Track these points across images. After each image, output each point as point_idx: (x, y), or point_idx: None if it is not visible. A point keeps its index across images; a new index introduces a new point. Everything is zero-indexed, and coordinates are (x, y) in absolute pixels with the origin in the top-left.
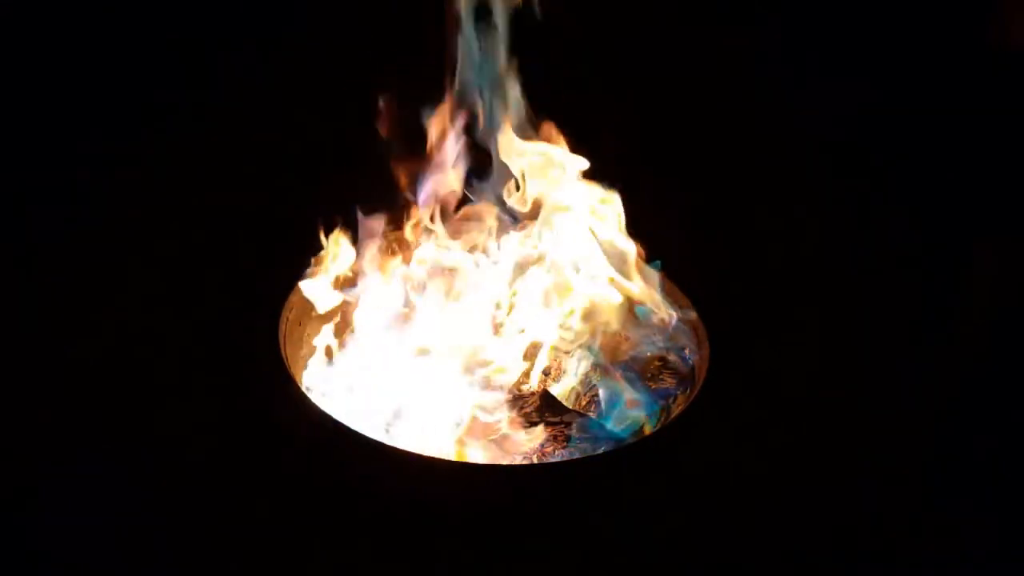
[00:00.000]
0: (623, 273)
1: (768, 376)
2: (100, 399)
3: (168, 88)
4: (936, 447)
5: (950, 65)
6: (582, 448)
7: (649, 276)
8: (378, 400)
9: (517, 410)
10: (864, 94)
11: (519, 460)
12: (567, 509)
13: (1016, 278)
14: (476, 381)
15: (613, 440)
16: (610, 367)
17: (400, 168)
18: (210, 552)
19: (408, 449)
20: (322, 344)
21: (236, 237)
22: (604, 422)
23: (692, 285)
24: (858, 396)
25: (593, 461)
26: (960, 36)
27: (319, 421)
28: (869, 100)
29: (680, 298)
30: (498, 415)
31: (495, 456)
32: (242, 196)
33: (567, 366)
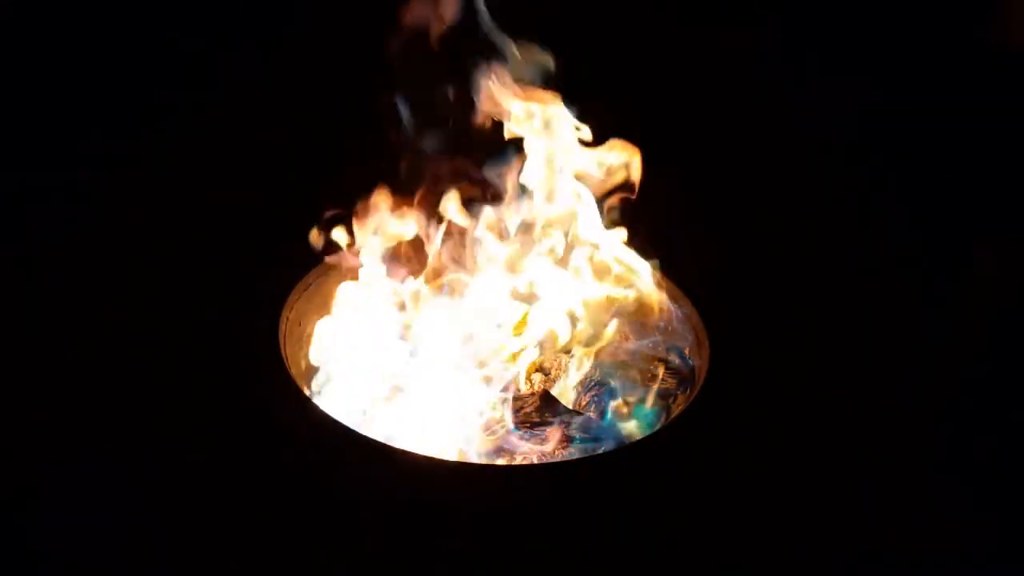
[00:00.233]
0: (624, 272)
1: (768, 376)
2: (100, 399)
3: (168, 88)
4: (936, 447)
5: (950, 65)
6: (582, 448)
7: (649, 274)
8: (378, 400)
9: (517, 410)
10: (864, 94)
11: (519, 460)
12: (567, 509)
13: (1016, 278)
14: (476, 381)
15: (613, 440)
16: (610, 367)
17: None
18: (210, 552)
19: (408, 449)
20: (322, 344)
21: (236, 237)
22: (604, 422)
23: (692, 285)
24: (858, 396)
25: (593, 461)
26: (960, 36)
27: (319, 421)
28: (869, 100)
29: (680, 298)
30: (498, 415)
31: (495, 456)
32: (242, 196)
33: (567, 366)
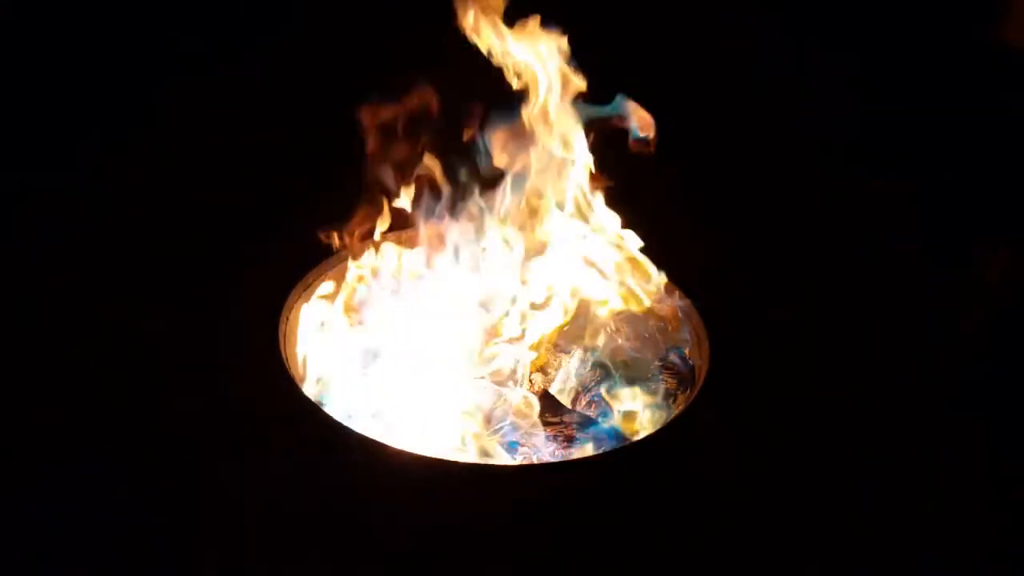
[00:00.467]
0: (624, 272)
1: (768, 376)
2: (100, 399)
3: (168, 88)
4: (936, 447)
5: (950, 65)
6: (582, 448)
7: (649, 273)
8: (378, 400)
9: (517, 411)
10: (864, 94)
11: (519, 460)
12: (567, 509)
13: (1016, 278)
14: (476, 381)
15: (613, 440)
16: (610, 367)
17: (400, 165)
18: (210, 552)
19: (408, 449)
20: (322, 344)
21: (236, 237)
22: (604, 422)
23: (692, 285)
24: (858, 396)
25: (593, 461)
26: (960, 36)
27: (319, 421)
28: (869, 100)
29: (680, 298)
30: (499, 415)
31: (495, 456)
32: (242, 196)
33: (567, 366)
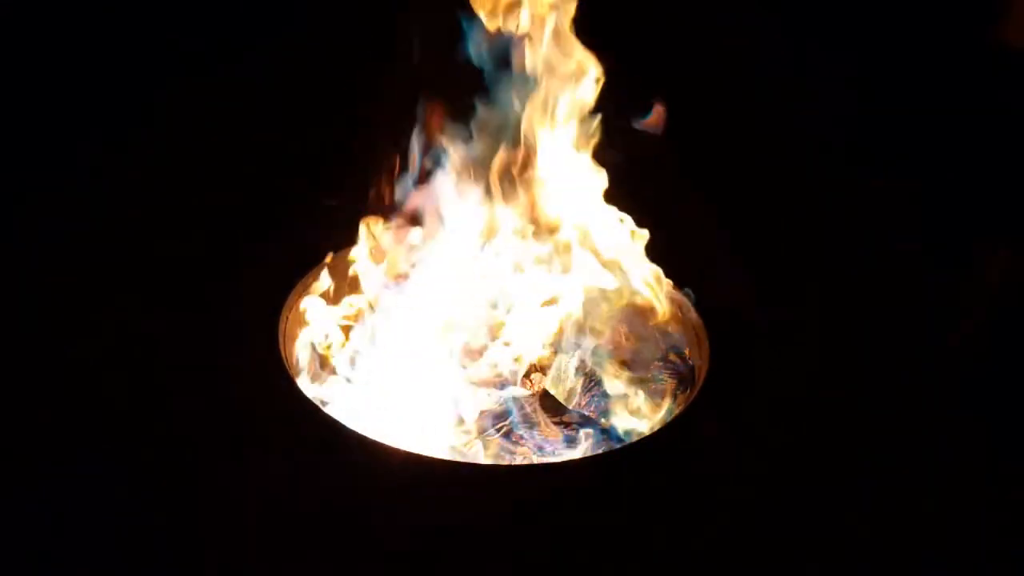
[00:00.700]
0: (624, 272)
1: (768, 376)
2: (100, 399)
3: (168, 88)
4: (936, 447)
5: (950, 65)
6: (582, 448)
7: (649, 273)
8: (378, 400)
9: (517, 410)
10: (864, 94)
11: (519, 460)
12: (567, 509)
13: (1016, 278)
14: (476, 381)
15: (613, 440)
16: (610, 367)
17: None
18: (210, 552)
19: (408, 449)
20: (322, 344)
21: (236, 237)
22: (604, 422)
23: (692, 285)
24: (858, 396)
25: (593, 461)
26: (960, 36)
27: (319, 421)
28: (869, 100)
29: (680, 298)
30: (498, 415)
31: (495, 456)
32: (242, 196)
33: (567, 366)
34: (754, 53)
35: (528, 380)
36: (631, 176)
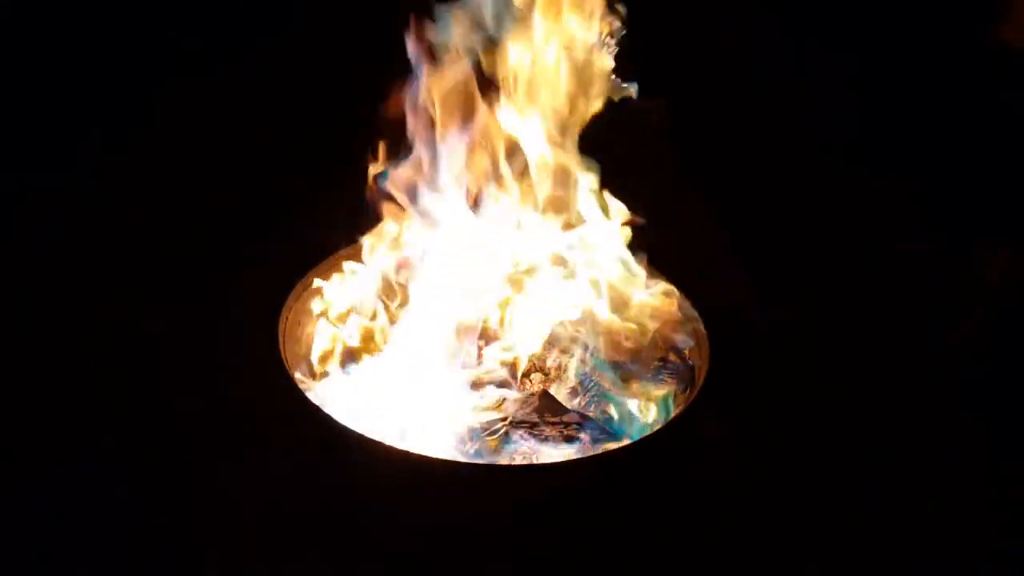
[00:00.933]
0: (623, 272)
1: (768, 376)
2: (100, 399)
3: (168, 88)
4: (936, 447)
5: (950, 65)
6: (582, 448)
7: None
8: (378, 400)
9: (517, 410)
10: (864, 94)
11: (519, 460)
12: (567, 509)
13: (1016, 278)
14: (476, 380)
15: (613, 440)
16: (610, 367)
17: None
18: (210, 552)
19: (408, 449)
20: (322, 345)
21: (236, 237)
22: (603, 422)
23: (692, 285)
24: (858, 396)
25: (593, 461)
26: (960, 36)
27: (319, 422)
28: (869, 100)
29: (680, 298)
30: (498, 415)
31: (495, 456)
32: (242, 196)
33: (567, 366)
34: (754, 53)
35: (528, 380)
36: (630, 177)
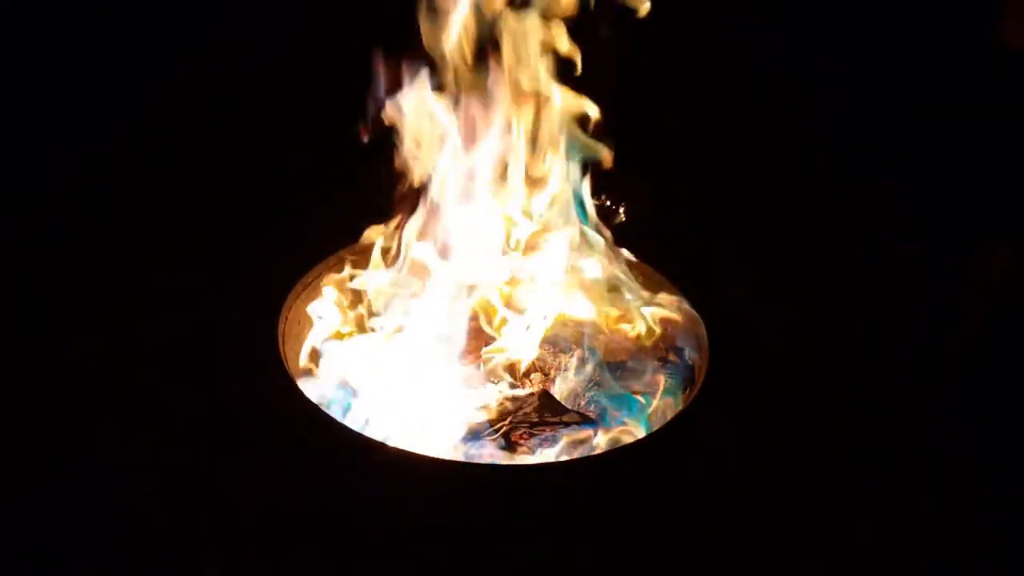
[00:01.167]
0: (623, 272)
1: (768, 376)
2: (100, 399)
3: (168, 88)
4: (936, 447)
5: (950, 65)
6: (582, 448)
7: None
8: (378, 400)
9: (517, 410)
10: (864, 94)
11: (519, 460)
12: (567, 509)
13: (1016, 278)
14: (476, 381)
15: (613, 439)
16: (610, 367)
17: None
18: (210, 552)
19: (408, 449)
20: (322, 344)
21: (236, 237)
22: (603, 422)
23: (692, 285)
24: (858, 396)
25: (593, 461)
26: (960, 36)
27: (319, 421)
28: (869, 100)
29: (680, 298)
30: (498, 415)
31: (495, 456)
32: (242, 196)
33: (567, 366)
34: (754, 53)
35: (528, 380)
36: (630, 177)
